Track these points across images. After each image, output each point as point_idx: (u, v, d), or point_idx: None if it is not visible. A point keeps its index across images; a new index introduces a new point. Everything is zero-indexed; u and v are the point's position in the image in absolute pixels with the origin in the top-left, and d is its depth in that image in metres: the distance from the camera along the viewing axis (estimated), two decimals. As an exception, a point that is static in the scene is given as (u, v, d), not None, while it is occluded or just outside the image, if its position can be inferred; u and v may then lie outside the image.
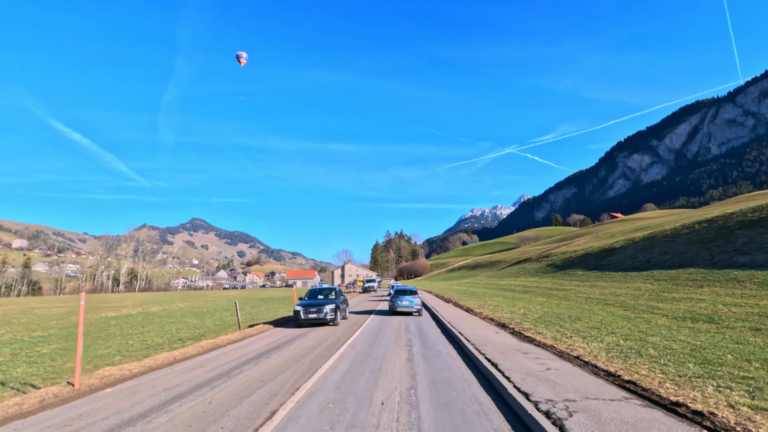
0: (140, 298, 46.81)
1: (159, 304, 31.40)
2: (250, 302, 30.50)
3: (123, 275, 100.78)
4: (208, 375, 6.74)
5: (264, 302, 30.33)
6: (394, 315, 17.25)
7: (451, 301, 22.21)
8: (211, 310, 22.50)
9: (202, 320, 16.54)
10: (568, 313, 12.51)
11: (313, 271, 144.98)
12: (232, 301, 33.89)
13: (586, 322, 10.57)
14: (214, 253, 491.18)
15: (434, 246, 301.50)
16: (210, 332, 12.45)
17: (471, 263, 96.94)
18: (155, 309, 25.13)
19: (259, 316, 18.28)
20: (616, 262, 25.27)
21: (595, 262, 28.31)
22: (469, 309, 16.79)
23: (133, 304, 31.05)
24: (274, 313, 19.72)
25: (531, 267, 41.97)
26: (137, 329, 13.95)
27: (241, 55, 28.06)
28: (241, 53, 28.11)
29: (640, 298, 14.84)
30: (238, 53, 27.98)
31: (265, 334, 11.99)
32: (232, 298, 40.37)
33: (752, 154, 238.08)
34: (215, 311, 22.01)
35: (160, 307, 27.44)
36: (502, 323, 11.50)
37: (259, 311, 21.03)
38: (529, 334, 9.31)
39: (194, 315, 19.44)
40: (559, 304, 15.77)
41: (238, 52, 27.88)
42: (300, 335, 11.45)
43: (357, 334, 11.27)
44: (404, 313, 17.53)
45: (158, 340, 11.00)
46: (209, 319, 17.28)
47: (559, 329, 9.63)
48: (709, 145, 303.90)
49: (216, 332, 12.49)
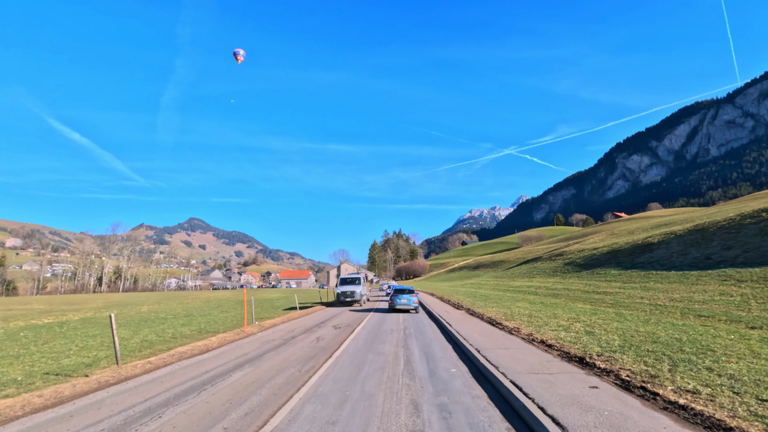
0: (114, 299, 42.59)
1: (123, 306, 27.13)
2: (223, 306, 25.80)
3: (106, 275, 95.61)
4: None
5: (240, 306, 25.83)
6: (394, 312, 17.20)
7: (462, 307, 17.65)
8: (163, 318, 17.78)
9: (136, 332, 11.88)
10: (665, 335, 7.92)
11: (307, 271, 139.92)
12: (209, 303, 29.39)
13: (729, 358, 6.00)
14: (211, 253, 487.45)
15: (433, 246, 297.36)
16: (85, 366, 7.75)
17: (472, 263, 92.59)
18: (108, 313, 20.46)
19: (211, 328, 13.63)
20: (660, 260, 20.84)
21: (628, 259, 23.89)
22: (493, 321, 12.22)
23: (93, 307, 27.22)
24: (232, 321, 15.08)
25: (545, 266, 37.55)
26: (23, 349, 9.45)
27: (238, 52, 27.79)
28: (239, 50, 27.83)
29: (743, 307, 10.35)
30: (235, 50, 27.75)
31: (154, 376, 7.31)
32: (211, 300, 35.74)
33: (752, 156, 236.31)
34: (166, 319, 17.38)
35: (118, 311, 23.00)
36: (576, 355, 6.69)
37: (216, 320, 16.32)
38: (687, 401, 4.24)
39: (134, 325, 14.75)
40: (623, 315, 11.23)
41: (236, 49, 27.83)
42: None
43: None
44: (402, 310, 17.95)
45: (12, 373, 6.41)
46: (143, 331, 12.63)
47: (712, 378, 5.03)
48: (708, 147, 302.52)
49: (96, 366, 7.80)
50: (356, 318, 16.15)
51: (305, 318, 16.63)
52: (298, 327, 13.47)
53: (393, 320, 14.91)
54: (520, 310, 14.20)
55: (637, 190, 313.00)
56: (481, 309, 15.76)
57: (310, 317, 16.91)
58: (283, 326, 13.82)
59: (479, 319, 13.13)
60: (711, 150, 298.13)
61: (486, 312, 14.43)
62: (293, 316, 17.24)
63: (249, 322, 14.42)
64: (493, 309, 15.34)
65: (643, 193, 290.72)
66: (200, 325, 14.02)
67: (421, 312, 18.42)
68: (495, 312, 14.15)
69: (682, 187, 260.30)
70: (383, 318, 15.76)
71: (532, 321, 11.30)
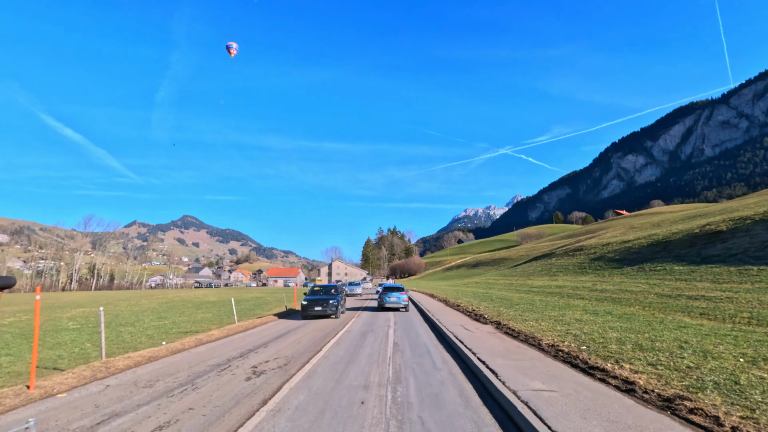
0: (68, 298, 36.71)
1: (61, 309, 21.01)
2: (168, 311, 19.57)
3: (76, 272, 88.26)
4: None
5: (204, 307, 19.72)
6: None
7: (486, 320, 11.81)
8: (85, 326, 11.63)
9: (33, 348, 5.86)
10: None
11: (297, 269, 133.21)
12: (162, 306, 23.09)
13: None
14: (205, 251, 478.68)
15: (428, 245, 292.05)
16: None
17: (471, 261, 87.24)
18: (25, 318, 14.28)
19: (132, 342, 7.59)
20: (747, 251, 15.34)
21: (692, 252, 18.36)
22: (590, 366, 6.41)
23: (23, 310, 20.63)
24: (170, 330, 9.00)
25: (564, 263, 32.05)
26: None
27: (231, 46, 27.16)
28: (231, 43, 27.17)
29: None
30: (228, 43, 27.10)
31: None
32: (172, 301, 29.43)
33: (746, 156, 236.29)
34: (85, 329, 11.30)
35: (46, 316, 16.65)
36: None
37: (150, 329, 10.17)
38: None
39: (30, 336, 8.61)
40: None
41: (229, 43, 27.03)
42: None
43: None
44: (392, 308, 17.41)
45: None
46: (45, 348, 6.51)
47: None
48: (703, 147, 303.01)
49: None
50: (316, 342, 9.65)
51: (230, 342, 10.13)
52: (187, 367, 7.43)
53: (376, 356, 7.81)
54: (592, 330, 8.45)
55: (632, 189, 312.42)
56: (519, 324, 9.96)
57: (240, 339, 10.55)
58: (165, 364, 7.77)
59: (540, 351, 7.23)
60: (706, 150, 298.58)
61: (537, 333, 8.60)
62: (214, 335, 11.04)
63: (116, 350, 8.42)
64: (543, 326, 9.55)
65: (637, 192, 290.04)
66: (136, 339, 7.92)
67: (425, 328, 12.55)
68: (553, 335, 8.31)
69: (677, 187, 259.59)
70: (357, 347, 8.79)
71: (662, 361, 5.55)
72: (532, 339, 8.03)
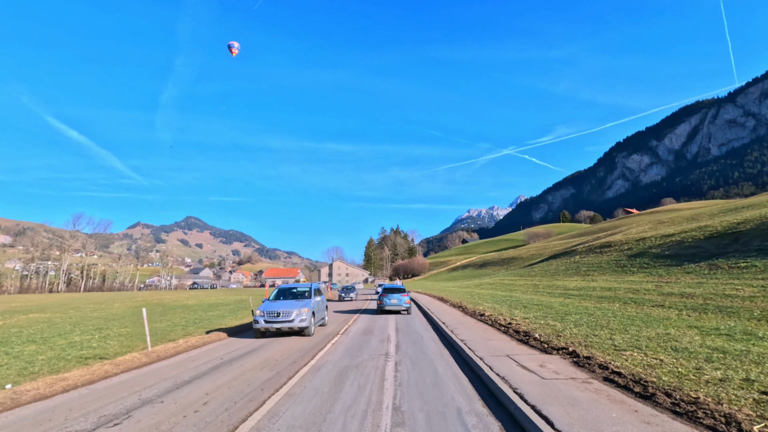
0: (39, 301, 33.63)
1: (9, 315, 17.38)
2: (124, 319, 15.73)
3: (64, 273, 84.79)
4: None
5: (171, 313, 15.98)
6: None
7: (545, 344, 7.87)
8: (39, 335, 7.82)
9: None
10: None
11: (296, 270, 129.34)
12: (132, 309, 19.28)
13: None
14: (208, 252, 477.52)
15: (432, 245, 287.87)
16: None
17: (477, 261, 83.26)
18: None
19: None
20: None
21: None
22: None
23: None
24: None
25: (592, 260, 28.11)
26: None
27: (233, 45, 27.04)
28: (233, 43, 27.06)
29: None
30: (230, 43, 26.95)
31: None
32: (150, 304, 25.64)
33: (753, 155, 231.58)
34: (36, 336, 7.52)
35: (3, 321, 12.85)
36: None
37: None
38: None
39: None
40: None
41: (230, 42, 26.93)
42: None
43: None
44: (392, 312, 16.24)
45: None
46: None
47: None
48: (709, 146, 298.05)
49: None
50: (238, 403, 4.71)
51: (141, 374, 6.21)
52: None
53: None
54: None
55: (637, 189, 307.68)
56: (613, 357, 6.14)
57: (115, 388, 6.44)
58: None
59: None
60: (712, 149, 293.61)
61: (693, 390, 4.75)
62: (126, 365, 7.09)
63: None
64: (667, 361, 5.69)
65: (643, 192, 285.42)
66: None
67: (448, 362, 8.55)
68: (725, 393, 4.45)
69: (683, 187, 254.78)
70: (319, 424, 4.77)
71: None
72: (706, 411, 3.75)
